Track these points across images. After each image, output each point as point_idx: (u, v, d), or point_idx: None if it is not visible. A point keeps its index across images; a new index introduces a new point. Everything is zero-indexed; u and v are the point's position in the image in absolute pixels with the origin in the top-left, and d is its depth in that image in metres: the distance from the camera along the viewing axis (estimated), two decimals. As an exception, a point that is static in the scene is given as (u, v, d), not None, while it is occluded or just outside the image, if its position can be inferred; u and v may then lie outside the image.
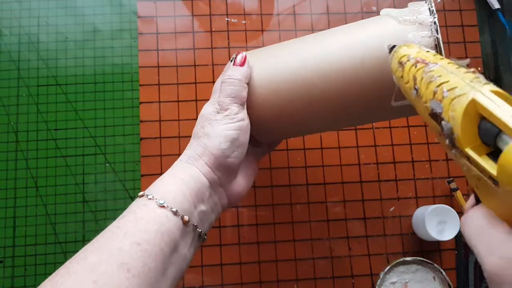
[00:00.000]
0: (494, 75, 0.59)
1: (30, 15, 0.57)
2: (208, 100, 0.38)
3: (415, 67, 0.27)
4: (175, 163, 0.36)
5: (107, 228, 0.31)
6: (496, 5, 0.60)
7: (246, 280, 0.52)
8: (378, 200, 0.55)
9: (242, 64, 0.38)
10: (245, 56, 0.38)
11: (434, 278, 0.51)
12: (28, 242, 0.52)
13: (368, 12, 0.59)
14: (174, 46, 0.57)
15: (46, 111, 0.55)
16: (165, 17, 0.58)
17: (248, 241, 0.53)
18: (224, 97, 0.37)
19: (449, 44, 0.59)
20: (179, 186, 0.34)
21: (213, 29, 0.58)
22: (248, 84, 0.38)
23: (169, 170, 0.36)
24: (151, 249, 0.30)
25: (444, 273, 0.50)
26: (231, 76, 0.37)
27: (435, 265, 0.50)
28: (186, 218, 0.33)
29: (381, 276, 0.50)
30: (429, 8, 0.35)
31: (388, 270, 0.50)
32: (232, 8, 0.59)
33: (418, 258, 0.50)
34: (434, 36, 0.33)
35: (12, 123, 0.54)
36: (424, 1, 0.36)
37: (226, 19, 0.58)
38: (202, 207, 0.35)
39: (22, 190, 0.53)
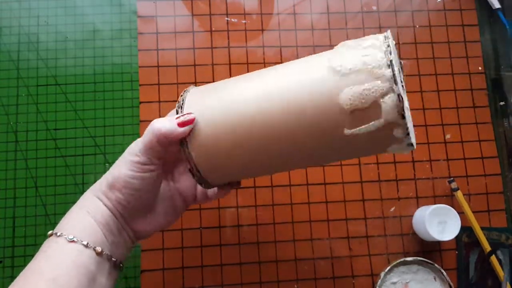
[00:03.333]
0: (494, 75, 0.59)
1: (30, 15, 0.57)
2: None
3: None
4: (83, 195, 0.36)
5: (21, 272, 0.32)
6: (497, 5, 0.60)
7: (246, 280, 0.52)
8: (378, 200, 0.55)
9: (182, 125, 0.34)
10: (192, 120, 0.34)
11: (434, 278, 0.50)
12: (28, 243, 0.52)
13: (369, 12, 0.59)
14: (174, 45, 0.57)
15: (45, 111, 0.54)
16: (165, 17, 0.58)
17: (248, 241, 0.53)
18: (143, 143, 0.35)
19: (450, 44, 0.59)
20: (86, 219, 0.34)
21: (213, 29, 0.58)
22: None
23: (77, 203, 0.36)
24: (68, 282, 0.30)
25: (445, 273, 0.49)
26: (164, 131, 0.34)
27: (436, 265, 0.50)
28: (98, 249, 0.33)
29: (381, 276, 0.49)
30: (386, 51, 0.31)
31: (388, 270, 0.50)
32: (232, 8, 0.59)
33: (419, 258, 0.50)
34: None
35: (11, 123, 0.54)
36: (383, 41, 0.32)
37: (226, 18, 0.58)
38: (113, 238, 0.35)
39: (22, 190, 0.53)
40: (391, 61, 0.30)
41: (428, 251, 0.54)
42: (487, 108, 0.58)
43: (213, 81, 0.56)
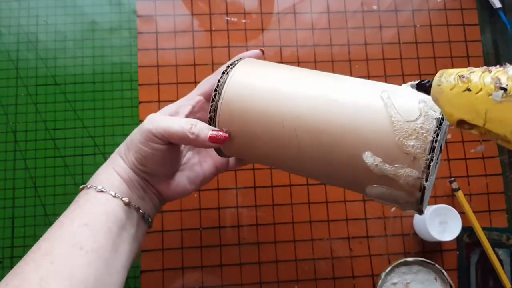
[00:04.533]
0: (495, 74, 0.59)
1: (29, 14, 0.57)
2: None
3: (489, 71, 0.24)
4: (112, 155, 0.38)
5: (55, 222, 0.33)
6: (498, 4, 0.59)
7: (246, 281, 0.52)
8: (379, 200, 0.54)
9: (215, 141, 0.34)
10: (226, 138, 0.34)
11: (435, 279, 0.50)
12: (27, 243, 0.51)
13: (369, 11, 0.59)
14: (174, 45, 0.57)
15: (44, 111, 0.54)
16: (165, 16, 0.57)
17: (248, 242, 0.53)
18: (163, 127, 0.34)
19: (450, 43, 0.59)
20: (113, 175, 0.36)
21: (213, 28, 0.58)
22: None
23: (105, 163, 0.38)
24: (99, 227, 0.32)
25: (445, 274, 0.49)
26: (199, 134, 0.34)
27: (437, 265, 0.50)
28: (126, 199, 0.35)
29: (382, 277, 0.49)
30: (434, 140, 0.28)
31: (389, 270, 0.50)
32: (232, 7, 0.58)
33: (420, 258, 0.50)
34: (423, 180, 0.29)
35: (10, 123, 0.54)
36: (438, 121, 0.29)
37: (226, 18, 0.58)
38: (138, 192, 0.37)
39: (21, 190, 0.52)
40: (431, 151, 0.28)
41: (428, 252, 0.53)
42: (488, 108, 0.58)
43: (213, 81, 0.56)
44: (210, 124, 0.35)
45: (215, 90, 0.35)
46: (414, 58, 0.58)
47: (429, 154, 0.28)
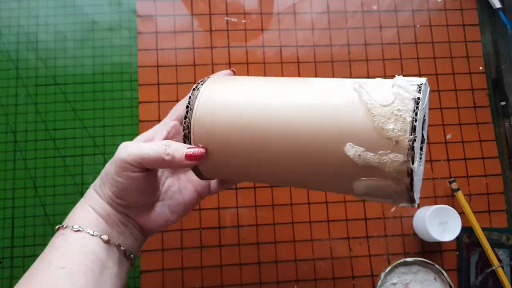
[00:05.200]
0: (495, 74, 0.59)
1: (29, 14, 0.57)
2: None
3: None
4: (87, 191, 0.36)
5: (32, 265, 0.32)
6: (498, 4, 0.59)
7: (246, 281, 0.52)
8: (378, 201, 0.54)
9: (193, 159, 0.33)
10: (203, 154, 0.33)
11: (435, 279, 0.50)
12: (27, 243, 0.51)
13: (369, 11, 0.59)
14: (174, 45, 0.57)
15: (44, 111, 0.54)
16: (165, 16, 0.57)
17: (248, 242, 0.53)
18: (137, 153, 0.33)
19: (450, 44, 0.59)
20: (89, 212, 0.34)
21: (213, 29, 0.58)
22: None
23: (80, 200, 0.36)
24: (78, 268, 0.31)
25: (445, 274, 0.49)
26: (174, 154, 0.32)
27: (436, 266, 0.50)
28: (105, 237, 0.33)
29: (381, 277, 0.49)
30: (413, 120, 0.28)
31: (389, 271, 0.50)
32: (232, 7, 0.58)
33: (419, 259, 0.50)
34: (409, 163, 0.28)
35: (10, 123, 0.54)
36: (414, 102, 0.28)
37: (226, 18, 0.58)
38: (118, 228, 0.35)
39: (21, 190, 0.52)
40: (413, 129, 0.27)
41: (428, 252, 0.53)
42: (488, 108, 0.58)
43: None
44: (185, 142, 0.34)
45: (187, 107, 0.34)
46: (414, 58, 0.58)
47: (411, 135, 0.27)
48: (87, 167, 0.53)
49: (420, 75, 0.58)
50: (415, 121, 0.28)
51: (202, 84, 0.35)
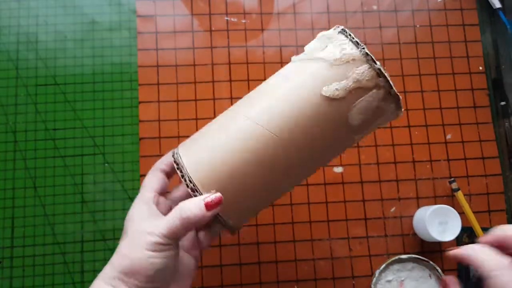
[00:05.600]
0: (495, 74, 0.59)
1: (29, 14, 0.57)
2: (206, 99, 0.37)
3: None
4: (92, 285, 0.33)
5: None
6: (497, 4, 0.59)
7: (246, 281, 0.52)
8: (379, 201, 0.54)
9: (213, 207, 0.32)
10: (221, 200, 0.33)
11: (430, 275, 0.50)
12: (27, 243, 0.51)
13: (369, 11, 0.59)
14: (174, 45, 0.57)
15: (44, 111, 0.54)
16: (164, 16, 0.57)
17: (248, 242, 0.53)
18: (169, 227, 0.32)
19: (450, 44, 0.59)
20: None
21: (213, 28, 0.58)
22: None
23: None
24: None
25: (439, 270, 0.49)
26: (194, 219, 0.32)
27: (431, 262, 0.50)
28: None
29: (376, 274, 0.49)
30: (352, 40, 0.33)
31: (383, 268, 0.50)
32: (232, 7, 0.58)
33: (414, 255, 0.50)
34: (374, 66, 0.33)
35: (10, 123, 0.54)
36: (342, 34, 0.34)
37: (226, 18, 0.58)
38: None
39: (21, 190, 0.52)
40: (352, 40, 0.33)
41: (428, 252, 0.53)
42: (488, 108, 0.58)
43: (213, 81, 0.56)
44: (195, 196, 0.34)
45: (177, 167, 0.35)
46: (414, 58, 0.58)
47: (358, 47, 0.33)
48: (87, 167, 0.53)
49: (420, 75, 0.58)
50: (354, 38, 0.33)
51: (176, 148, 0.37)
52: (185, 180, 0.34)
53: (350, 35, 0.34)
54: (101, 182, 0.53)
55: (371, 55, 0.33)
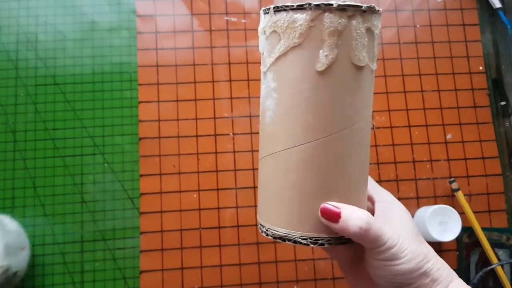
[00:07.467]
0: (495, 74, 0.59)
1: (28, 14, 0.57)
2: (206, 99, 0.37)
3: None
4: None
5: None
6: (498, 4, 0.59)
7: (246, 281, 0.52)
8: (378, 201, 0.54)
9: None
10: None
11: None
12: (26, 243, 0.51)
13: (369, 11, 0.59)
14: (173, 45, 0.57)
15: (44, 111, 0.54)
16: (164, 16, 0.57)
17: (247, 242, 0.53)
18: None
19: (450, 43, 0.59)
20: None
21: (213, 28, 0.58)
22: None
23: None
24: None
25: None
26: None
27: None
28: None
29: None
30: (286, 9, 0.31)
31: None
32: (232, 7, 0.58)
33: None
34: (331, 8, 0.30)
35: (10, 123, 0.54)
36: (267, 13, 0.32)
37: (226, 18, 0.58)
38: None
39: (20, 190, 0.52)
40: None
41: (428, 252, 0.53)
42: (488, 108, 0.58)
43: (213, 81, 0.56)
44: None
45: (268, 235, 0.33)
46: (414, 58, 0.58)
47: (302, 7, 0.30)
48: (86, 167, 0.53)
49: (420, 75, 0.58)
50: (283, 6, 0.30)
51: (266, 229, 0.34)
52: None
53: (276, 7, 0.31)
54: (101, 182, 0.53)
55: (320, 3, 0.30)
